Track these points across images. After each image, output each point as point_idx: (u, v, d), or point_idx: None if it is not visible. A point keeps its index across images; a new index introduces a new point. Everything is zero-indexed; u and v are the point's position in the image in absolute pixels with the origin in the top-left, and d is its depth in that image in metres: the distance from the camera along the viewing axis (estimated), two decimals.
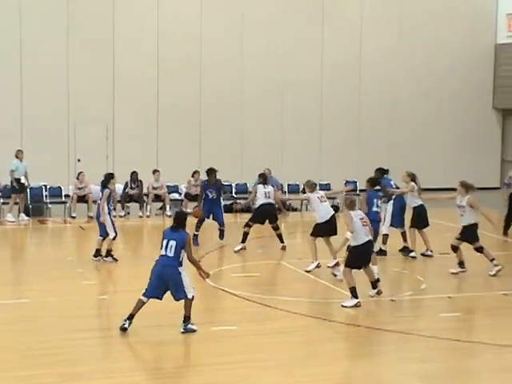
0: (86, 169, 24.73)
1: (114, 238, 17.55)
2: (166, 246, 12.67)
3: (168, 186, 24.81)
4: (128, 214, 24.16)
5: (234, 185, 25.80)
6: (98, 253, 17.62)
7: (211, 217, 19.69)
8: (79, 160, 27.09)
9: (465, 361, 12.05)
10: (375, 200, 16.62)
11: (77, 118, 27.10)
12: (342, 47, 29.36)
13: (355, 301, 14.05)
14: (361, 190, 24.46)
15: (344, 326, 13.17)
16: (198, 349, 12.03)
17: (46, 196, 24.17)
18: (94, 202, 23.67)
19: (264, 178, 19.26)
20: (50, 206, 24.08)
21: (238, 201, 25.19)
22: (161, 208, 24.74)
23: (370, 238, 14.51)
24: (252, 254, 19.05)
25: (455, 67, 30.46)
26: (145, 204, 24.26)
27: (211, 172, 19.70)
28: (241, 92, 28.46)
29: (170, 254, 12.59)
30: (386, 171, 18.32)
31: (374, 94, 29.67)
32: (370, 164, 26.47)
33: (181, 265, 12.57)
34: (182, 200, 24.75)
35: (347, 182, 26.41)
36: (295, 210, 25.85)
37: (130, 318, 12.52)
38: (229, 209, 25.19)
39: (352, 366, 11.55)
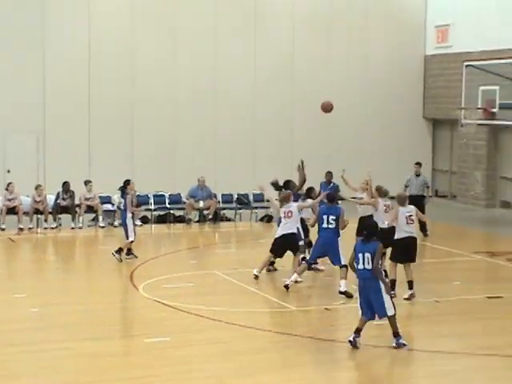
0: (16, 180, 24.33)
1: (131, 242, 18.82)
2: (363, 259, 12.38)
3: (100, 197, 24.55)
4: (60, 225, 23.83)
5: (167, 195, 25.63)
6: (129, 251, 19.01)
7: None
8: (9, 171, 26.64)
9: (398, 368, 12.14)
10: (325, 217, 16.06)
11: (6, 128, 26.66)
12: (274, 60, 29.39)
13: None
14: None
15: (278, 336, 13.15)
16: (131, 361, 11.91)
17: None
18: (25, 213, 23.40)
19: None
20: None
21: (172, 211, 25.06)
22: (93, 219, 24.47)
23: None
24: (185, 264, 18.95)
25: (386, 78, 30.74)
26: (77, 215, 23.96)
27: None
28: (174, 102, 28.31)
29: (368, 266, 12.35)
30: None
31: (305, 105, 29.73)
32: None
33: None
34: (114, 211, 24.52)
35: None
36: (229, 220, 25.81)
37: (357, 331, 12.40)
38: (162, 219, 25.06)
39: (286, 376, 11.51)
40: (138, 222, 24.44)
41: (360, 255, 12.44)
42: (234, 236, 24.36)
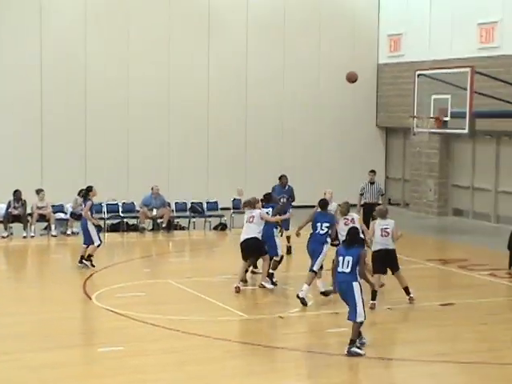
0: None
1: (98, 246, 19.00)
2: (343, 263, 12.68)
3: (53, 206, 24.32)
4: (11, 234, 23.55)
5: (120, 204, 25.46)
6: (81, 259, 18.98)
7: None
8: None
9: (352, 376, 12.18)
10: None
11: None
12: (229, 71, 29.41)
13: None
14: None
15: (232, 344, 13.12)
16: (84, 371, 11.78)
17: None
18: None
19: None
20: None
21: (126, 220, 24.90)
22: (45, 228, 24.22)
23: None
24: (139, 273, 18.84)
25: (339, 87, 30.78)
26: (29, 224, 23.70)
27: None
28: (127, 111, 28.16)
29: (347, 269, 12.62)
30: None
31: (260, 115, 29.84)
32: (256, 182, 26.71)
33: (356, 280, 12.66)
34: (67, 219, 24.31)
35: (235, 199, 26.46)
36: (183, 228, 25.73)
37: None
38: (115, 228, 24.90)
39: None
40: None
41: (341, 258, 12.72)
42: (187, 245, 24.28)
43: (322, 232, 15.95)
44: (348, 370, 12.21)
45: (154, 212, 24.97)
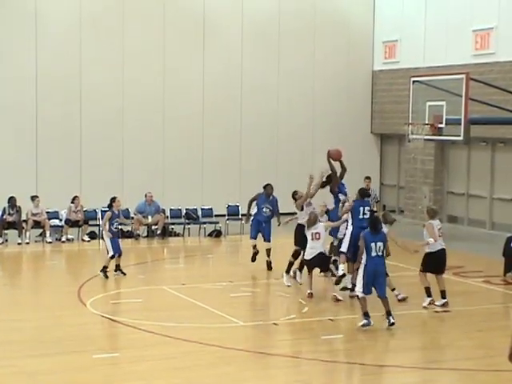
0: None
1: (112, 257, 18.63)
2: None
3: (48, 212, 24.30)
4: (6, 241, 23.52)
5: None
6: (117, 268, 18.91)
7: None
8: None
9: (346, 382, 12.16)
10: (361, 209, 16.81)
11: None
12: (224, 78, 29.37)
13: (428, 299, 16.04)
14: (243, 215, 24.57)
15: (227, 351, 13.09)
16: (79, 377, 11.75)
17: None
18: None
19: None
20: None
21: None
22: (40, 235, 24.19)
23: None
24: (134, 279, 18.81)
25: (334, 94, 30.90)
26: (24, 231, 23.66)
27: None
28: (121, 117, 28.13)
29: (380, 253, 14.36)
30: None
31: (255, 121, 29.80)
32: (251, 189, 26.66)
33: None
34: (62, 226, 24.28)
35: (229, 206, 26.48)
36: (178, 235, 25.71)
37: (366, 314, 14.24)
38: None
39: None
40: (86, 238, 24.27)
41: (373, 245, 14.30)
42: (182, 251, 24.26)
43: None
44: (342, 377, 12.21)
45: (149, 219, 24.95)
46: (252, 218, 20.03)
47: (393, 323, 14.40)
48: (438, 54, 27.75)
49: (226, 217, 26.13)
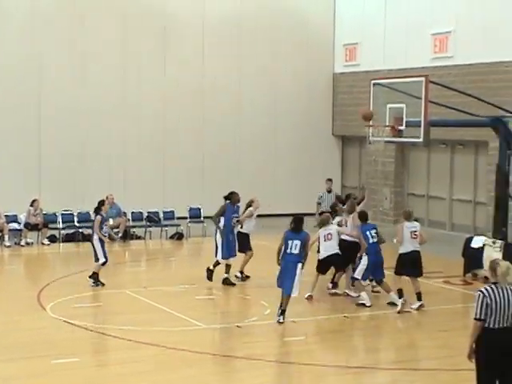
0: None
1: (103, 264, 18.05)
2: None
3: (6, 216, 24.02)
4: None
5: (75, 213, 25.22)
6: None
7: None
8: None
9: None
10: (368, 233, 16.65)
11: None
12: (185, 80, 29.20)
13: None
14: (205, 217, 24.54)
15: (190, 354, 13.02)
16: (37, 383, 11.62)
17: None
18: None
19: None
20: None
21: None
22: None
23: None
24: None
25: (295, 96, 30.93)
26: None
27: None
28: (82, 118, 27.86)
29: (295, 251, 14.65)
30: None
31: (217, 123, 29.75)
32: (213, 191, 26.67)
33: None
34: (21, 230, 24.03)
35: (191, 208, 26.41)
36: (139, 238, 25.57)
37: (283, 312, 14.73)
38: (70, 238, 24.65)
39: None
40: (46, 241, 24.04)
41: (290, 242, 14.66)
42: (144, 254, 24.14)
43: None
44: (307, 379, 12.19)
45: (110, 221, 24.76)
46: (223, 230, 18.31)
47: (280, 322, 14.71)
48: (398, 56, 27.90)
49: (188, 219, 26.05)
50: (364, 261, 16.41)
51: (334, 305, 16.52)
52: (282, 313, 14.81)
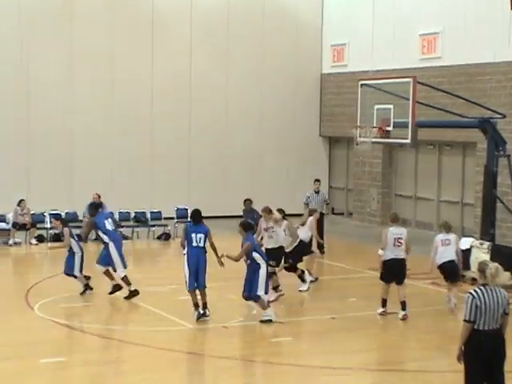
0: None
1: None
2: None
3: None
4: None
5: (63, 213, 25.16)
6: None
7: None
8: None
9: None
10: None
11: None
12: (172, 82, 29.21)
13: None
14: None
15: (175, 354, 13.04)
16: (25, 383, 11.61)
17: None
18: None
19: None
20: None
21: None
22: None
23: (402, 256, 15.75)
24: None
25: (283, 97, 30.92)
26: None
27: None
28: (69, 119, 27.84)
29: (201, 244, 14.84)
30: None
31: (204, 124, 29.72)
32: (200, 193, 26.71)
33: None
34: (9, 229, 23.98)
35: (178, 209, 26.39)
36: (126, 238, 25.51)
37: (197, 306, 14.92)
38: (58, 237, 24.55)
39: None
40: (34, 241, 23.99)
41: (193, 235, 14.81)
42: (131, 254, 24.00)
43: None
44: (292, 379, 12.22)
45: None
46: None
47: (204, 314, 14.94)
48: (386, 57, 27.96)
49: (175, 220, 26.04)
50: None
51: (320, 306, 16.53)
52: (205, 306, 15.07)
